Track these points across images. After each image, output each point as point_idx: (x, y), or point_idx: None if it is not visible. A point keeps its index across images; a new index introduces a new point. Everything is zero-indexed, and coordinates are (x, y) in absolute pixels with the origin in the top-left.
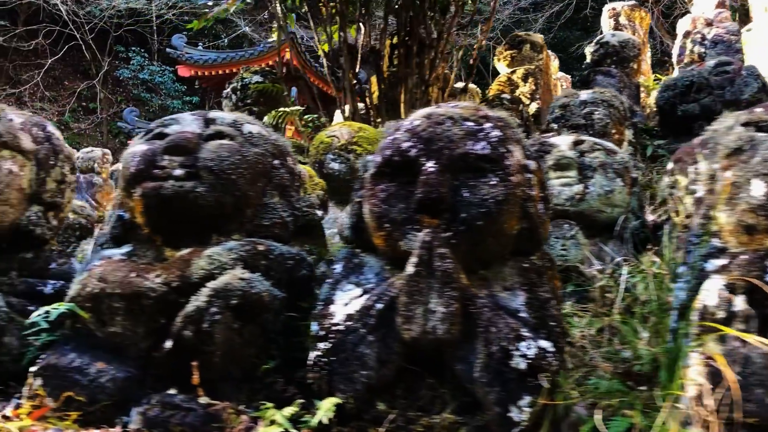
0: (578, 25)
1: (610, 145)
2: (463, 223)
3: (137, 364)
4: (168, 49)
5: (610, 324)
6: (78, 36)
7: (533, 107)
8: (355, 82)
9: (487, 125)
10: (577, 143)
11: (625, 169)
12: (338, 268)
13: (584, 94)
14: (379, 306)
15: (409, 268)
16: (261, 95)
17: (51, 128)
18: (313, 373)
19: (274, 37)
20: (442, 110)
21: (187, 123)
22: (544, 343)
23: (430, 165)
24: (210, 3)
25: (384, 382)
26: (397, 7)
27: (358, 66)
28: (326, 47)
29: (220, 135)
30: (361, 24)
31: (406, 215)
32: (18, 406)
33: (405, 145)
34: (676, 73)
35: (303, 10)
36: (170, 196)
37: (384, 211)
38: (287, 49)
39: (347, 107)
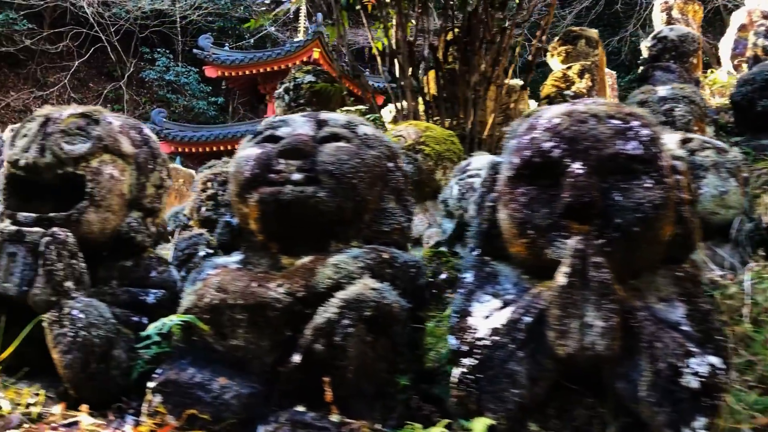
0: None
1: (719, 143)
2: (617, 229)
3: (261, 379)
4: (195, 50)
5: (740, 333)
6: (103, 38)
7: None
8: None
9: (635, 123)
10: (685, 141)
11: (738, 169)
12: (469, 277)
13: (662, 90)
14: (528, 319)
15: (561, 279)
16: (314, 95)
17: (147, 131)
18: (459, 390)
19: (300, 36)
20: (583, 107)
21: (299, 125)
22: (713, 359)
23: (577, 166)
24: (267, 1)
25: (536, 401)
26: (456, 2)
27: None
28: (380, 45)
29: (335, 137)
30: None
31: (551, 221)
32: (137, 424)
33: (546, 145)
34: (728, 68)
35: (357, 7)
36: (289, 201)
37: (526, 216)
38: (314, 49)
39: (402, 105)
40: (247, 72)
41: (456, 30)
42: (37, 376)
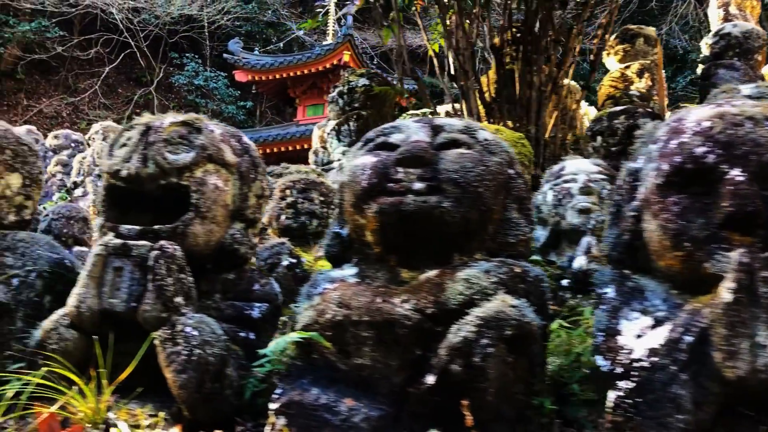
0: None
1: None
2: None
3: (389, 400)
4: (225, 55)
5: None
6: (133, 44)
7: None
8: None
9: None
10: None
11: None
12: (610, 292)
13: (746, 88)
14: (689, 339)
15: (726, 295)
16: (368, 98)
17: (246, 139)
18: (616, 415)
19: (329, 39)
20: (736, 109)
21: (413, 131)
22: None
23: (736, 173)
24: (325, 3)
25: (702, 427)
26: (516, 1)
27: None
28: (436, 47)
29: (454, 143)
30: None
31: (709, 232)
32: None
33: (699, 150)
34: None
35: (412, 9)
36: (412, 212)
37: (681, 227)
38: (345, 51)
39: (461, 107)
40: (277, 76)
41: (514, 30)
42: (147, 396)
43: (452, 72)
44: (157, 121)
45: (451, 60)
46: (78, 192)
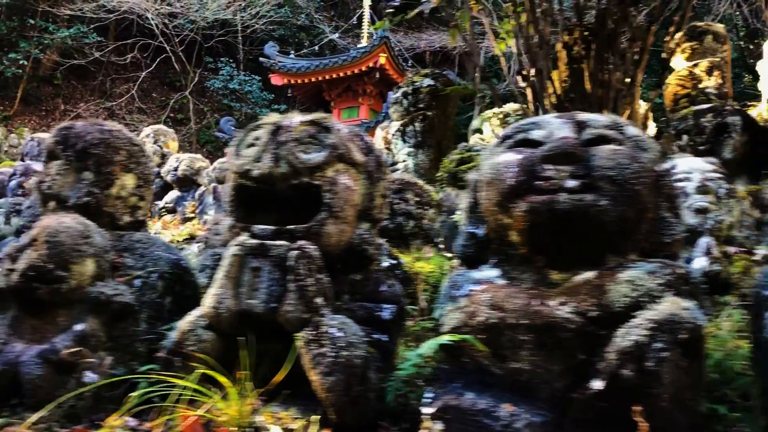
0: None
1: None
2: None
3: (550, 405)
4: (261, 59)
5: None
6: (168, 48)
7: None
8: (533, 79)
9: None
10: None
11: None
12: None
13: None
14: None
15: None
16: (433, 98)
17: (368, 138)
18: None
19: (364, 42)
20: None
21: (556, 127)
22: None
23: None
24: (396, 3)
25: None
26: None
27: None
28: (503, 46)
29: (603, 139)
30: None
31: None
32: None
33: None
34: None
35: (480, 8)
36: (566, 211)
37: None
38: (381, 54)
39: (530, 106)
40: (312, 79)
41: (583, 27)
42: (288, 398)
43: (522, 71)
44: (285, 120)
45: (522, 58)
46: None
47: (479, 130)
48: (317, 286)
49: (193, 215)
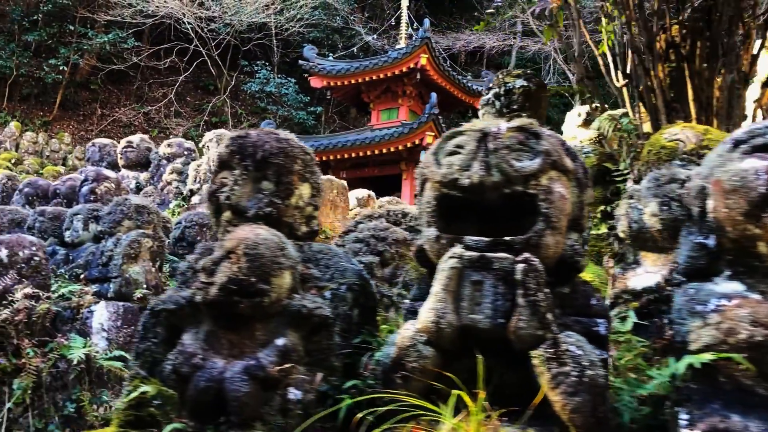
0: None
1: None
2: None
3: None
4: (300, 61)
5: None
6: (203, 52)
7: None
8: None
9: None
10: None
11: None
12: None
13: None
14: None
15: None
16: (527, 99)
17: (569, 144)
18: None
19: (402, 43)
20: None
21: None
22: None
23: None
24: (499, 3)
25: None
26: None
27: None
28: (605, 47)
29: None
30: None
31: None
32: None
33: None
34: None
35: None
36: None
37: None
38: (422, 55)
39: (628, 108)
40: (351, 81)
41: (690, 24)
42: (519, 417)
43: (627, 71)
44: (492, 126)
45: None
46: (195, 199)
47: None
48: (547, 301)
49: None
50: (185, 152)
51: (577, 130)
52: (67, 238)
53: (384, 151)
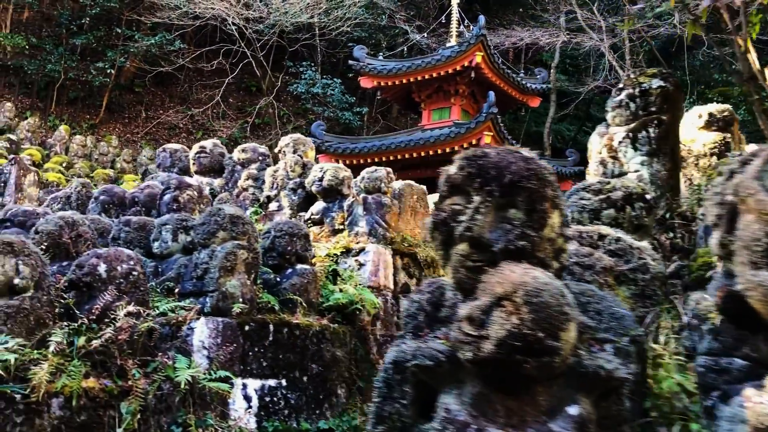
0: None
1: None
2: None
3: None
4: (350, 61)
5: None
6: (248, 53)
7: None
8: None
9: None
10: None
11: None
12: None
13: None
14: None
15: None
16: (665, 101)
17: None
18: None
19: (453, 41)
20: None
21: None
22: None
23: None
24: (641, 5)
25: None
26: None
27: None
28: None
29: None
30: None
31: None
32: None
33: None
34: None
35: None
36: None
37: None
38: (477, 53)
39: None
40: (402, 81)
41: None
42: None
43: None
44: None
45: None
46: (272, 206)
47: None
48: None
49: (342, 227)
50: (259, 157)
51: (697, 133)
52: (156, 250)
53: (438, 151)
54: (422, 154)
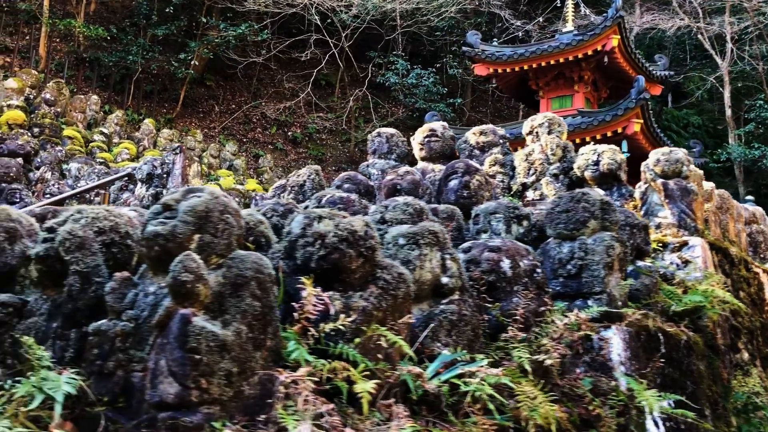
0: None
1: None
2: None
3: None
4: (464, 48)
5: None
6: (332, 43)
7: None
8: None
9: None
10: None
11: None
12: None
13: None
14: None
15: None
16: None
17: None
18: None
19: (569, 26)
20: None
21: None
22: None
23: None
24: None
25: None
26: None
27: None
28: None
29: None
30: None
31: None
32: None
33: None
34: None
35: None
36: None
37: None
38: (612, 36)
39: None
40: (517, 68)
41: None
42: None
43: None
44: None
45: None
46: (530, 195)
47: None
48: None
49: None
50: (500, 140)
51: None
52: None
53: (577, 141)
54: None
